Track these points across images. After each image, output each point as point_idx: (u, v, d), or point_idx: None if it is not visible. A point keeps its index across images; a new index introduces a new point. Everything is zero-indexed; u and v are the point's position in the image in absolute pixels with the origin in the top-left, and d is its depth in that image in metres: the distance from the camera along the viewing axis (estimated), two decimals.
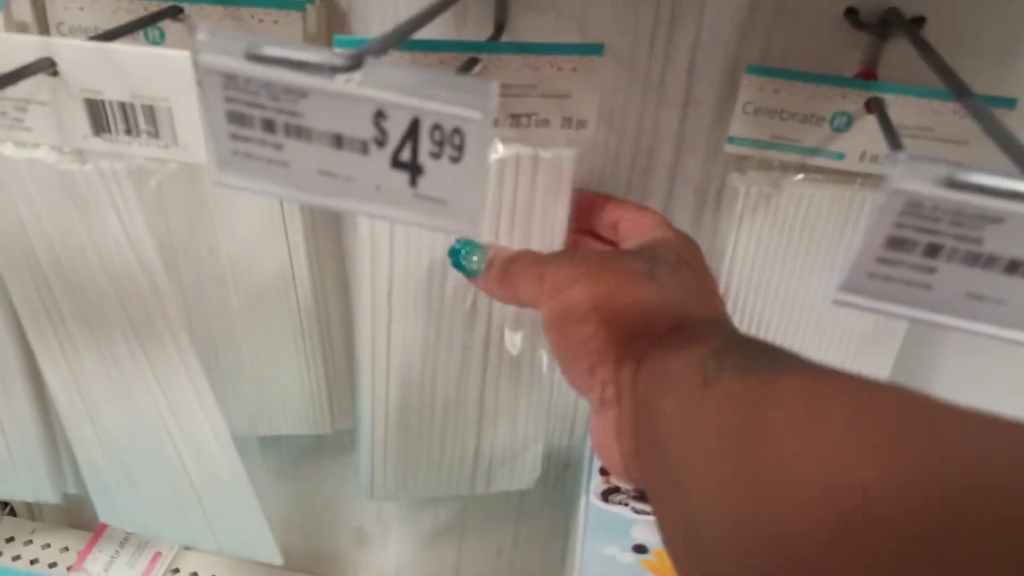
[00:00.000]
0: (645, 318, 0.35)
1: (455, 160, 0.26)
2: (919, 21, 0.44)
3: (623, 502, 0.52)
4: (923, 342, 0.53)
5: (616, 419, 0.35)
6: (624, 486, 0.53)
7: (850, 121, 0.44)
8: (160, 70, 0.36)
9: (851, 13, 0.45)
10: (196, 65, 0.25)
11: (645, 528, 0.51)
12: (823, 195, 0.46)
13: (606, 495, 0.53)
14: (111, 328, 0.45)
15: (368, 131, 0.26)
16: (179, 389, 0.47)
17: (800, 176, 0.47)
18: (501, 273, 0.39)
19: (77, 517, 0.79)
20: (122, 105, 0.37)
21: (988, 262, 0.24)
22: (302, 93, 0.26)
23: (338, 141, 0.26)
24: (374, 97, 0.25)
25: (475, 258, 0.41)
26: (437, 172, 0.26)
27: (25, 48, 0.35)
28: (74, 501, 0.75)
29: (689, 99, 0.48)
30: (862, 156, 0.45)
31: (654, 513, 0.32)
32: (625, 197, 0.46)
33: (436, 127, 0.25)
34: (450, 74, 0.25)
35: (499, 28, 0.47)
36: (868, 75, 0.45)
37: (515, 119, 0.42)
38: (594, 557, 0.49)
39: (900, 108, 0.43)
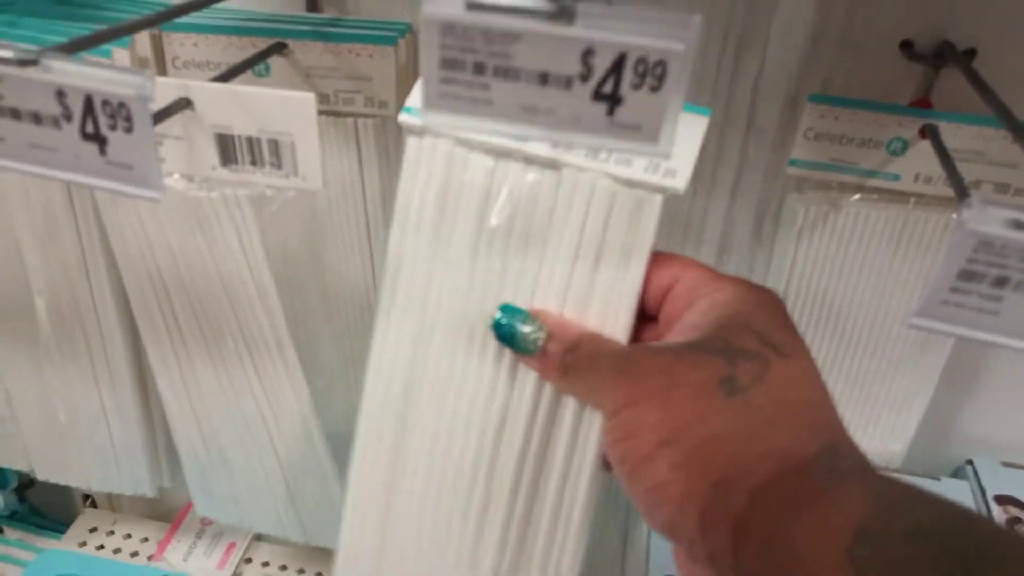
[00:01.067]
0: (735, 461, 0.26)
1: (654, 90, 0.28)
2: (970, 53, 0.47)
3: None
4: (972, 350, 0.57)
5: None
6: None
7: (905, 146, 0.47)
8: (286, 109, 0.40)
9: (906, 46, 0.48)
10: (420, 17, 0.28)
11: None
12: (878, 214, 0.50)
13: None
14: (223, 336, 0.49)
15: (574, 68, 0.28)
16: (280, 391, 0.51)
17: (857, 196, 0.50)
18: (560, 363, 0.32)
19: (153, 509, 0.84)
20: (249, 139, 0.41)
21: None
22: (516, 37, 0.27)
23: (544, 79, 0.29)
24: (587, 37, 0.27)
25: (527, 332, 0.32)
26: (636, 102, 0.28)
27: (166, 90, 0.40)
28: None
29: (752, 125, 0.52)
30: (916, 178, 0.48)
31: None
32: (676, 254, 0.34)
33: (641, 60, 0.28)
34: (652, 11, 0.28)
35: None
36: (922, 103, 0.48)
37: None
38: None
39: (952, 134, 0.46)
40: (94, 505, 0.84)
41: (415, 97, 0.34)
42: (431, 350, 0.35)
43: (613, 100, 0.28)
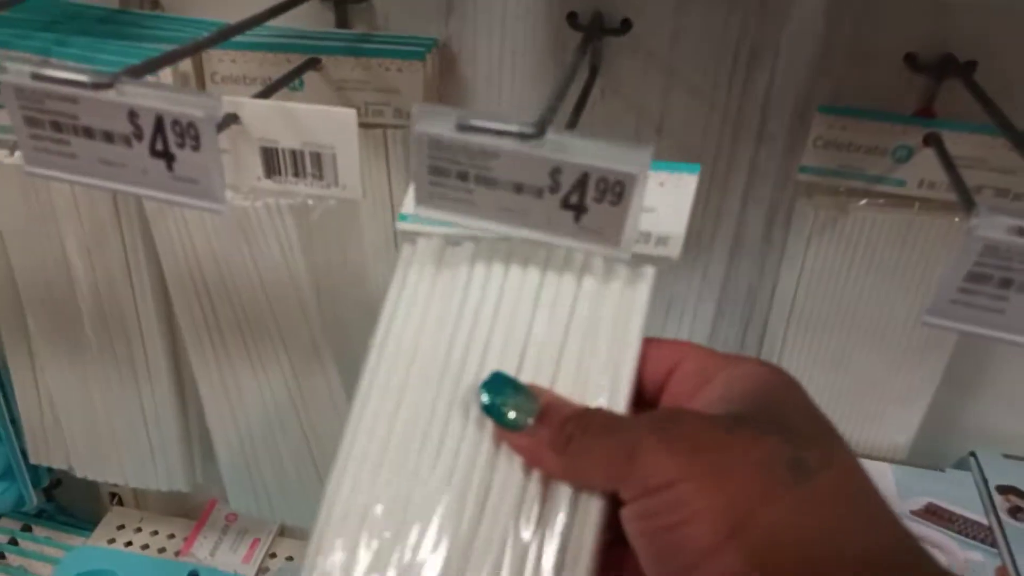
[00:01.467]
0: (813, 560, 0.23)
1: (614, 204, 0.32)
2: (971, 65, 0.50)
3: None
4: (974, 348, 0.59)
5: None
6: None
7: (910, 153, 0.50)
8: (329, 123, 0.42)
9: (910, 58, 0.50)
10: (411, 132, 0.32)
11: None
12: (884, 218, 0.52)
13: None
14: (262, 338, 0.51)
15: (544, 182, 0.32)
16: (315, 391, 0.53)
17: (864, 201, 0.52)
18: (559, 436, 0.27)
19: (179, 507, 0.86)
20: (293, 152, 0.43)
21: None
22: (495, 154, 0.32)
23: (519, 188, 0.33)
24: (555, 158, 0.31)
25: (516, 404, 0.28)
26: (599, 212, 0.32)
27: None
28: (177, 492, 0.82)
29: (763, 133, 0.54)
30: (920, 183, 0.51)
31: None
32: (670, 339, 0.32)
33: (602, 180, 0.32)
34: (609, 141, 0.32)
35: (594, 72, 0.54)
36: (926, 113, 0.51)
37: None
38: None
39: (955, 142, 0.49)
40: (120, 503, 0.87)
41: (408, 204, 0.35)
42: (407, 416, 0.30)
43: (579, 209, 0.32)
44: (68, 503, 0.90)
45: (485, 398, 0.28)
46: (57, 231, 0.52)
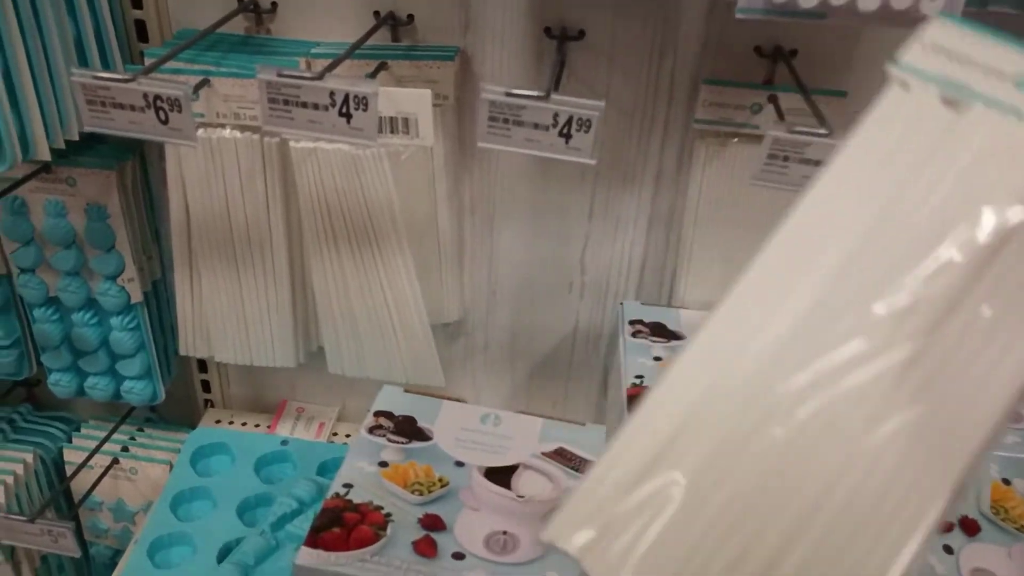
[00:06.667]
0: None
1: (586, 133, 0.62)
2: (793, 52, 0.81)
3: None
4: None
5: None
6: None
7: (760, 108, 0.81)
8: (413, 99, 0.71)
9: (757, 48, 0.82)
10: (480, 98, 0.61)
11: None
12: (747, 149, 0.83)
13: (633, 335, 0.89)
14: (363, 244, 0.80)
15: (549, 121, 0.62)
16: (398, 279, 0.82)
17: (736, 140, 0.83)
18: None
19: (256, 405, 1.13)
20: (390, 118, 0.72)
21: None
22: (523, 106, 0.62)
23: (535, 126, 0.62)
24: (556, 108, 0.61)
25: None
26: (579, 138, 0.62)
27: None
28: (259, 389, 1.11)
29: (671, 98, 0.85)
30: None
31: None
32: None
33: (577, 119, 0.62)
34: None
35: (562, 63, 0.84)
36: (768, 81, 0.82)
37: None
38: (634, 364, 0.85)
39: (787, 100, 0.80)
40: (212, 406, 1.14)
41: (913, 54, 0.33)
42: None
43: (568, 137, 0.61)
44: (169, 414, 1.16)
45: None
46: (223, 179, 0.80)
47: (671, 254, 0.95)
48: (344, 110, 0.62)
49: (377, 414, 0.81)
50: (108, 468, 1.06)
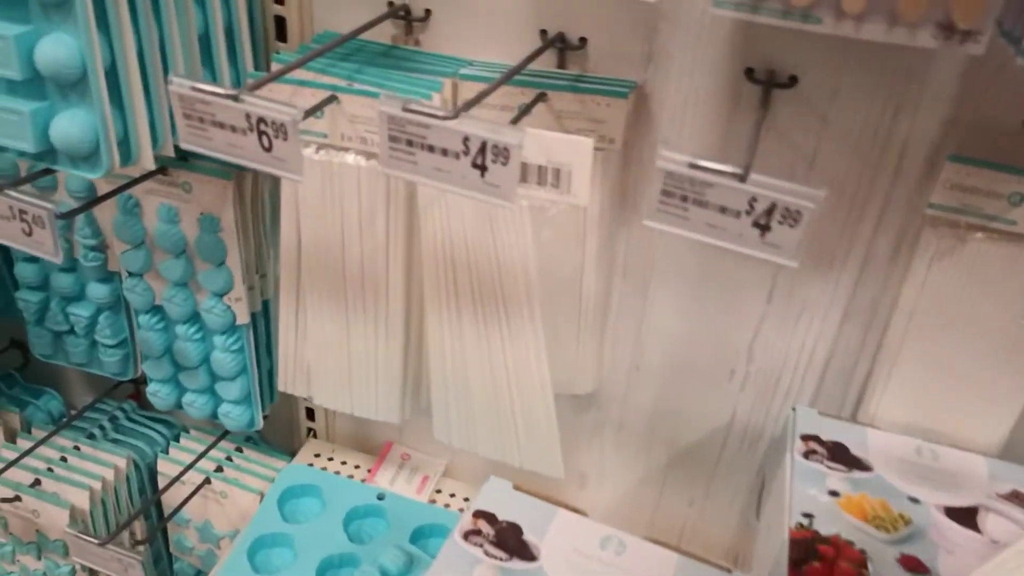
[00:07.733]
0: None
1: (792, 226, 0.46)
2: None
3: (819, 460, 0.71)
4: None
5: None
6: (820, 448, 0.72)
7: (1022, 199, 0.62)
8: (569, 147, 0.57)
9: None
10: (656, 168, 0.46)
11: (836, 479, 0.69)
12: (997, 250, 0.64)
13: (805, 455, 0.72)
14: (488, 305, 0.67)
15: (742, 205, 0.46)
16: (524, 349, 0.69)
17: (979, 235, 0.64)
18: None
19: (360, 444, 1.03)
20: (539, 166, 0.59)
21: None
22: (709, 184, 0.46)
23: (723, 210, 0.47)
24: (753, 191, 0.45)
25: None
26: (779, 231, 0.46)
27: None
28: (366, 426, 1.00)
29: (898, 172, 0.66)
30: None
31: None
32: None
33: (785, 208, 0.46)
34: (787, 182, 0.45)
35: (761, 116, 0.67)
36: None
37: None
38: (802, 497, 0.68)
39: None
40: (315, 436, 1.05)
41: None
42: None
43: (764, 228, 0.47)
44: (270, 436, 1.08)
45: None
46: (340, 209, 0.69)
47: (866, 357, 0.76)
48: (479, 161, 0.49)
49: (477, 514, 0.68)
50: (199, 487, 1.00)
